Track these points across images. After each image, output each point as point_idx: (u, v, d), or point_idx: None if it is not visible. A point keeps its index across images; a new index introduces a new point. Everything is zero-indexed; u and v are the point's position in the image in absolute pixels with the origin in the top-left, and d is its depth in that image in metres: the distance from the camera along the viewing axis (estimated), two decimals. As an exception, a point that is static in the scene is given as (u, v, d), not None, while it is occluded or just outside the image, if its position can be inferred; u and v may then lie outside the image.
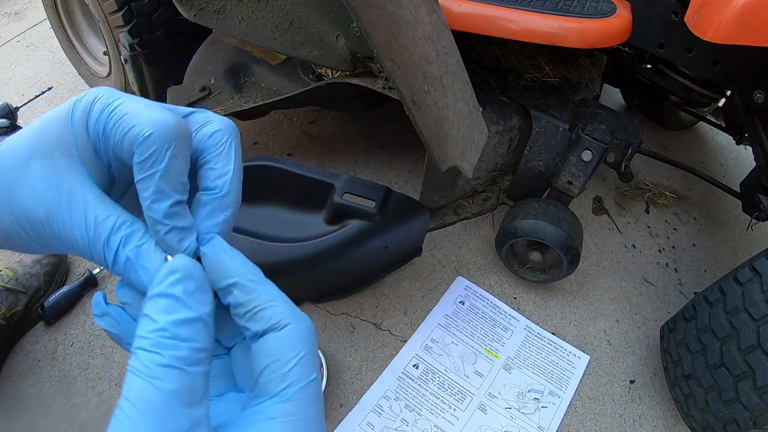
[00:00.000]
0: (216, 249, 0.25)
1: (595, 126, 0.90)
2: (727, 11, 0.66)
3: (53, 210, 0.24)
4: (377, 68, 0.74)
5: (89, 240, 0.24)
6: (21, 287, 0.84)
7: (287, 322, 0.23)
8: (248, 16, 0.81)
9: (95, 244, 0.24)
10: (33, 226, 0.25)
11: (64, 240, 0.25)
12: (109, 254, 0.24)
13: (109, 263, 0.24)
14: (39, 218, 0.24)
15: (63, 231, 0.24)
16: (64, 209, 0.24)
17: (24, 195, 0.24)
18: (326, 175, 0.78)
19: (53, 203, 0.24)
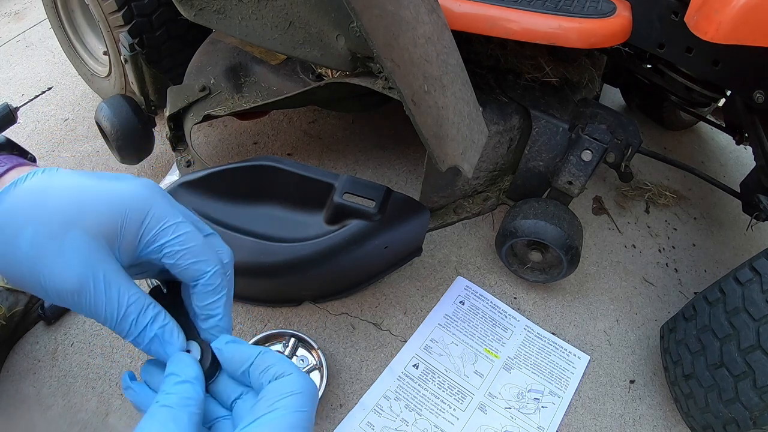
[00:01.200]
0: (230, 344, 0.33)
1: (595, 126, 0.90)
2: (727, 11, 0.66)
3: (87, 289, 0.27)
4: (377, 68, 0.74)
5: (118, 316, 0.29)
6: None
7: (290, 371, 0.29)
8: (248, 16, 0.81)
9: (124, 321, 0.29)
10: (59, 296, 0.27)
11: (87, 311, 0.28)
12: (135, 330, 0.29)
13: (133, 336, 0.30)
14: (68, 290, 0.27)
15: (92, 305, 0.28)
16: (99, 289, 0.28)
17: (57, 268, 0.26)
18: (326, 175, 0.78)
19: (88, 283, 0.27)
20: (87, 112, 1.27)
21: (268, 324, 0.90)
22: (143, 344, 0.31)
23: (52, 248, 0.26)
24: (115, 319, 0.29)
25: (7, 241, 0.26)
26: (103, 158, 1.14)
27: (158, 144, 1.10)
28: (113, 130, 0.96)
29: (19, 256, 0.26)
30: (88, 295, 0.28)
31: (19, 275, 0.27)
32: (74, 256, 0.27)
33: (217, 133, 1.25)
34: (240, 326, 0.89)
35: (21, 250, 0.26)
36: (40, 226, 0.26)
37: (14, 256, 0.26)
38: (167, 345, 0.31)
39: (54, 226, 0.26)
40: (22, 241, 0.26)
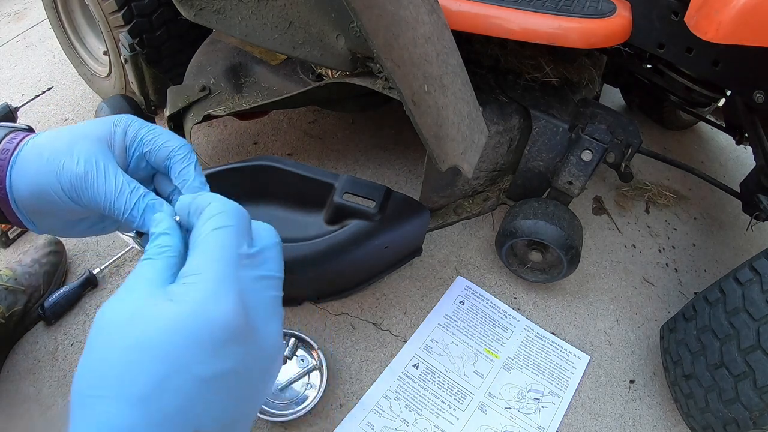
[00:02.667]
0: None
1: (595, 126, 0.90)
2: (727, 11, 0.66)
3: (91, 171, 0.36)
4: (377, 68, 0.74)
5: (115, 194, 0.36)
6: (20, 287, 0.84)
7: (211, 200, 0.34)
8: (248, 16, 0.81)
9: (119, 197, 0.36)
10: (70, 181, 0.35)
11: (93, 194, 0.36)
12: (129, 203, 0.36)
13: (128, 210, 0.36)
14: (77, 175, 0.35)
15: (96, 186, 0.36)
16: (100, 173, 0.36)
17: (70, 161, 0.36)
18: (326, 175, 0.78)
19: (91, 167, 0.36)
20: (87, 112, 1.27)
21: (268, 324, 0.90)
22: (138, 217, 0.36)
23: (66, 152, 0.36)
24: (113, 193, 0.36)
25: (33, 159, 0.36)
26: (103, 158, 1.14)
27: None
28: (113, 130, 0.96)
29: (41, 164, 0.36)
30: (91, 177, 0.36)
31: (42, 181, 0.36)
32: (81, 153, 0.36)
33: (217, 133, 1.25)
34: (240, 326, 0.89)
35: (42, 161, 0.36)
36: (57, 143, 0.36)
37: (38, 165, 0.36)
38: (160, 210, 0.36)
39: (67, 142, 0.37)
40: (43, 156, 0.36)
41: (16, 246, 0.98)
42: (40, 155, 0.36)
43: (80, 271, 0.94)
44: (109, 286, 0.92)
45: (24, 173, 0.37)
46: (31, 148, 0.37)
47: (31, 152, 0.37)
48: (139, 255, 0.97)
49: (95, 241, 0.99)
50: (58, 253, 0.91)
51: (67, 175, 0.35)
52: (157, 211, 0.36)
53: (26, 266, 0.87)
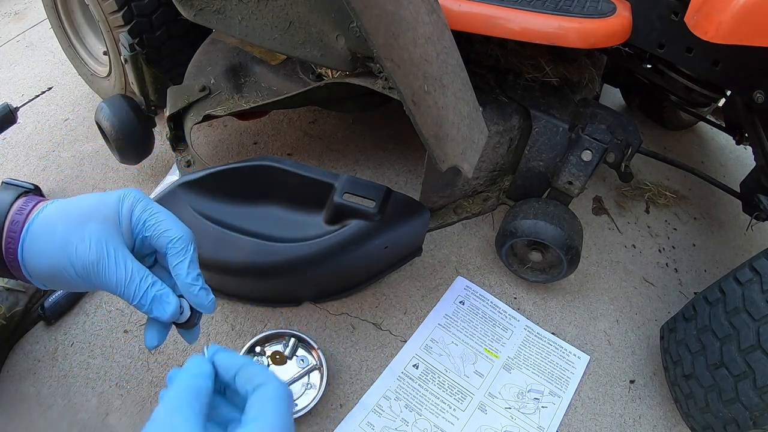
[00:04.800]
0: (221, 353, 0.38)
1: (595, 126, 0.90)
2: (727, 11, 0.66)
3: (103, 258, 0.38)
4: (377, 68, 0.74)
5: (125, 281, 0.39)
6: (21, 287, 0.84)
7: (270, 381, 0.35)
8: (248, 16, 0.81)
9: (130, 285, 0.39)
10: (84, 267, 0.38)
11: (104, 279, 0.38)
12: (138, 292, 0.39)
13: (138, 298, 0.39)
14: (91, 261, 0.38)
15: (106, 272, 0.38)
16: (111, 259, 0.38)
17: (82, 247, 0.38)
18: (326, 175, 0.78)
19: (102, 253, 0.38)
20: (87, 112, 1.27)
21: (268, 324, 0.90)
22: (146, 305, 0.40)
23: (77, 235, 0.38)
24: (123, 282, 0.39)
25: (45, 238, 0.38)
26: (103, 158, 1.14)
27: (158, 144, 1.10)
28: (113, 130, 0.96)
29: (54, 246, 0.38)
30: (103, 262, 0.38)
31: (56, 263, 0.38)
32: (93, 237, 0.38)
33: (217, 133, 1.25)
34: (240, 326, 0.89)
35: (55, 242, 0.38)
36: (68, 223, 0.38)
37: (50, 246, 0.38)
38: (167, 302, 0.41)
39: (77, 222, 0.38)
40: (55, 236, 0.38)
41: (16, 246, 0.98)
42: (52, 236, 0.38)
43: (80, 271, 0.94)
44: (109, 286, 0.92)
45: (37, 252, 0.39)
46: (42, 226, 0.39)
47: (43, 231, 0.39)
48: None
49: (95, 241, 0.99)
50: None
51: (81, 261, 0.38)
52: (165, 302, 0.41)
53: (26, 266, 0.87)
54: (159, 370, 0.83)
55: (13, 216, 0.39)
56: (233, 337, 0.87)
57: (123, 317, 0.88)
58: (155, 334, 0.44)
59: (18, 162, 1.15)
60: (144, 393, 0.80)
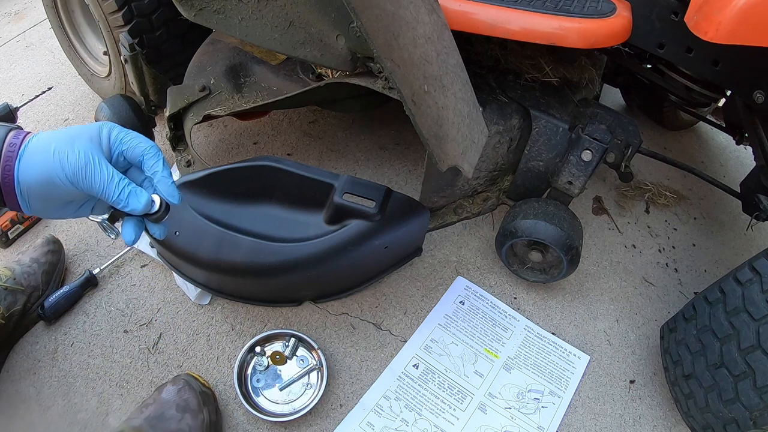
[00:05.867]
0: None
1: (595, 126, 0.90)
2: (727, 11, 0.66)
3: (89, 163, 0.47)
4: (377, 68, 0.74)
5: (107, 180, 0.48)
6: (19, 286, 0.84)
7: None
8: (248, 16, 0.81)
9: (110, 183, 0.48)
10: (73, 171, 0.47)
11: (89, 180, 0.48)
12: (117, 189, 0.49)
13: (117, 194, 0.49)
14: (80, 165, 0.47)
15: (92, 174, 0.48)
16: (95, 164, 0.48)
17: (72, 155, 0.47)
18: (326, 175, 0.78)
19: (89, 159, 0.48)
20: (87, 112, 1.27)
21: (268, 324, 0.90)
22: (123, 199, 0.50)
23: (68, 147, 0.47)
24: (105, 181, 0.48)
25: (41, 151, 0.47)
26: (103, 158, 1.14)
27: (158, 144, 1.10)
28: (113, 130, 0.96)
29: (48, 156, 0.47)
30: (89, 167, 0.47)
31: (50, 170, 0.46)
32: (81, 148, 0.48)
33: (217, 133, 1.25)
34: (240, 326, 0.89)
35: (49, 153, 0.47)
36: (59, 140, 0.48)
37: (45, 157, 0.47)
38: (140, 195, 0.51)
39: (67, 139, 0.48)
40: (49, 149, 0.47)
41: (16, 246, 0.98)
42: (47, 149, 0.47)
43: (80, 271, 0.94)
44: (109, 286, 0.92)
45: (33, 164, 0.47)
46: (38, 144, 0.48)
47: (39, 146, 0.47)
48: (138, 255, 0.97)
49: (95, 241, 0.99)
50: (56, 253, 0.91)
51: (71, 165, 0.47)
52: (141, 194, 0.51)
53: (25, 266, 0.87)
54: (159, 370, 0.83)
55: (10, 140, 0.47)
56: (233, 337, 0.87)
57: (123, 317, 0.88)
58: (132, 229, 0.54)
59: (18, 162, 1.15)
60: (144, 393, 0.80)
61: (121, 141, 0.51)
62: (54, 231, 1.00)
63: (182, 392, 0.72)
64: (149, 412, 0.70)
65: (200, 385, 0.75)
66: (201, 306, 0.91)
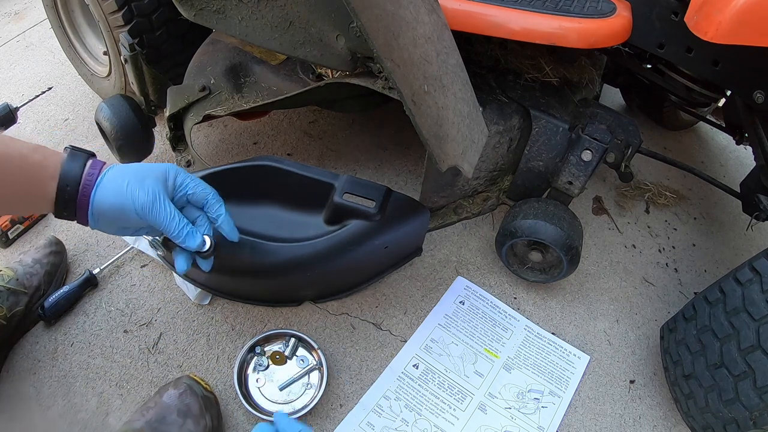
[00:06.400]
0: None
1: (595, 126, 0.90)
2: (727, 11, 0.66)
3: (155, 201, 0.56)
4: (377, 68, 0.74)
5: (169, 218, 0.57)
6: (22, 287, 0.84)
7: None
8: (248, 16, 0.81)
9: (171, 222, 0.57)
10: (142, 206, 0.55)
11: (154, 216, 0.56)
12: (177, 227, 0.58)
13: (177, 231, 0.58)
14: (148, 202, 0.55)
15: (157, 212, 0.56)
16: (161, 203, 0.56)
17: (142, 193, 0.55)
18: (326, 175, 0.78)
19: (155, 199, 0.56)
20: (87, 112, 1.27)
21: (268, 324, 0.90)
22: (182, 237, 0.59)
23: (139, 185, 0.56)
24: (168, 219, 0.57)
25: (116, 183, 0.56)
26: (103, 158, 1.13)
27: (158, 144, 1.10)
28: (113, 130, 0.96)
29: (122, 189, 0.55)
30: (155, 205, 0.56)
31: (122, 202, 0.55)
32: (149, 188, 0.56)
33: (217, 133, 1.25)
34: (240, 326, 0.89)
35: (123, 187, 0.55)
36: (132, 177, 0.56)
37: (119, 189, 0.55)
38: (196, 236, 0.60)
39: (139, 177, 0.56)
40: (124, 184, 0.55)
41: (16, 246, 0.98)
42: (121, 184, 0.56)
43: (80, 271, 0.94)
44: (109, 286, 0.92)
45: (108, 194, 0.55)
46: (114, 177, 0.56)
47: (114, 180, 0.56)
48: (138, 255, 0.97)
49: (95, 241, 0.99)
50: (59, 254, 0.91)
51: (140, 202, 0.55)
52: (195, 235, 0.60)
53: (27, 266, 0.87)
54: (159, 370, 0.83)
55: (88, 169, 0.56)
56: (233, 337, 0.87)
57: (123, 317, 0.88)
58: (183, 261, 0.63)
59: (18, 162, 1.15)
60: (144, 393, 0.80)
61: (187, 185, 0.61)
62: (54, 231, 1.00)
63: (184, 396, 0.72)
64: (151, 416, 0.69)
65: (202, 389, 0.75)
66: (201, 306, 0.91)
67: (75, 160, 0.56)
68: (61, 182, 0.55)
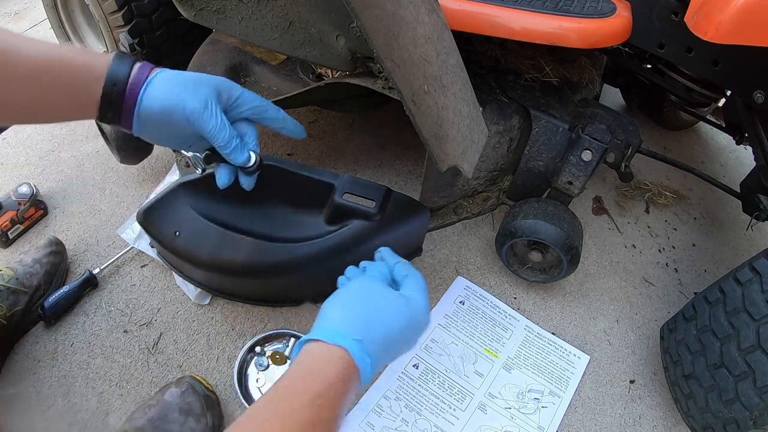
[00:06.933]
0: None
1: (595, 126, 0.90)
2: (727, 11, 0.66)
3: (207, 109, 0.54)
4: (377, 68, 0.74)
5: (218, 127, 0.55)
6: (21, 286, 0.84)
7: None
8: (248, 16, 0.81)
9: (221, 131, 0.56)
10: (192, 111, 0.53)
11: (203, 123, 0.54)
12: (226, 138, 0.56)
13: (225, 142, 0.56)
14: (199, 108, 0.54)
15: (207, 119, 0.54)
16: (212, 111, 0.55)
17: (194, 98, 0.54)
18: (326, 175, 0.78)
19: (208, 106, 0.55)
20: (87, 112, 1.27)
21: (268, 324, 0.90)
22: (229, 148, 0.57)
23: (192, 91, 0.54)
24: (217, 128, 0.55)
25: (169, 85, 0.54)
26: (103, 158, 1.14)
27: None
28: (113, 130, 0.96)
29: (174, 92, 0.53)
30: (207, 112, 0.54)
31: (172, 105, 0.53)
32: (203, 95, 0.54)
33: (217, 133, 1.24)
34: (240, 326, 0.89)
35: (175, 90, 0.53)
36: (187, 82, 0.55)
37: (171, 91, 0.53)
38: (244, 149, 0.59)
39: (194, 84, 0.55)
40: (177, 86, 0.54)
41: (16, 246, 0.98)
42: (174, 86, 0.54)
43: (80, 271, 0.94)
44: (109, 286, 0.92)
45: (158, 95, 0.53)
46: (166, 79, 0.54)
47: (167, 82, 0.54)
48: (138, 255, 0.97)
49: (95, 241, 0.99)
50: (59, 254, 0.91)
51: (191, 107, 0.53)
52: (245, 147, 0.60)
53: (27, 266, 0.87)
54: (159, 370, 0.83)
55: (138, 69, 0.53)
56: (233, 337, 0.87)
57: (123, 317, 0.88)
58: (226, 174, 0.62)
59: (18, 162, 1.15)
60: (144, 393, 0.80)
61: (244, 98, 0.60)
62: (54, 231, 1.00)
63: (185, 395, 0.72)
64: (152, 414, 0.70)
65: (204, 389, 0.75)
66: (201, 306, 0.91)
67: (123, 60, 0.53)
68: (108, 81, 0.52)
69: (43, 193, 1.06)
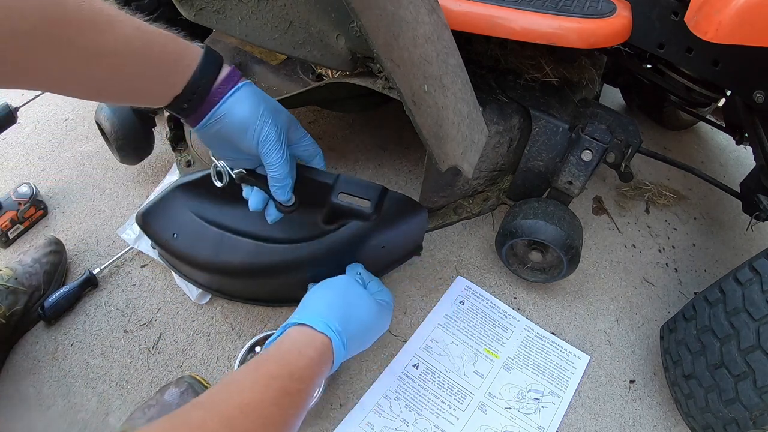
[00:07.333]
0: None
1: (595, 126, 0.90)
2: (727, 11, 0.66)
3: (278, 141, 0.57)
4: (377, 68, 0.74)
5: (281, 162, 0.58)
6: (21, 286, 0.84)
7: None
8: (248, 16, 0.81)
9: (282, 166, 0.59)
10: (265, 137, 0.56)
11: (269, 152, 0.57)
12: (282, 173, 0.59)
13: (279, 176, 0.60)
14: (271, 137, 0.56)
15: (275, 150, 0.57)
16: (281, 145, 0.57)
17: (270, 125, 0.56)
18: (323, 175, 0.78)
19: (279, 137, 0.57)
20: (87, 112, 1.27)
21: (268, 324, 0.90)
22: (279, 184, 0.61)
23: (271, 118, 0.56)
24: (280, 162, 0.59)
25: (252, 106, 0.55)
26: (103, 158, 1.14)
27: (158, 144, 1.10)
28: (113, 130, 0.96)
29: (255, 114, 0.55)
30: (277, 144, 0.57)
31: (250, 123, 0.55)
32: (278, 125, 0.57)
33: (217, 133, 1.24)
34: (240, 326, 0.89)
35: (256, 108, 0.55)
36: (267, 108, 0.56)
37: (254, 108, 0.55)
38: (288, 191, 0.62)
39: (273, 110, 0.57)
40: (260, 105, 0.55)
41: (16, 246, 0.98)
42: (257, 106, 0.55)
43: (80, 271, 0.94)
44: (109, 286, 0.92)
45: (240, 109, 0.54)
46: (251, 95, 0.55)
47: (251, 98, 0.55)
48: (138, 255, 0.97)
49: (95, 241, 0.99)
50: (58, 253, 0.91)
51: (265, 132, 0.55)
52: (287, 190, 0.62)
53: (27, 266, 0.87)
54: (159, 370, 0.83)
55: (228, 73, 0.54)
56: (233, 337, 0.88)
57: (123, 317, 0.88)
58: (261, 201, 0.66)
59: (18, 162, 1.15)
60: (144, 393, 0.80)
61: (304, 140, 0.64)
62: (54, 231, 1.00)
63: (185, 395, 0.72)
64: (152, 414, 0.70)
65: (203, 389, 0.75)
66: (201, 306, 0.91)
67: (212, 58, 0.53)
68: (197, 76, 0.51)
69: (43, 193, 1.06)
